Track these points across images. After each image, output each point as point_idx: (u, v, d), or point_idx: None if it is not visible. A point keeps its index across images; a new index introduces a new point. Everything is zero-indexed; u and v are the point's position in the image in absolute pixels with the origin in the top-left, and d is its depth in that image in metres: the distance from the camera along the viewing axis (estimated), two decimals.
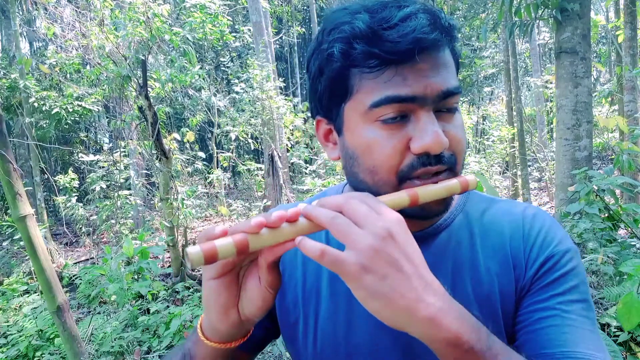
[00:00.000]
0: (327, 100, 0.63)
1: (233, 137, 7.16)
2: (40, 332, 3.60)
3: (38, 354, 3.41)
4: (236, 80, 7.46)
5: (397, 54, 0.54)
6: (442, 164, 0.58)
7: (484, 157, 9.02)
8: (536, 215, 0.68)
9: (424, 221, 0.67)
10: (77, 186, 7.55)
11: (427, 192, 0.57)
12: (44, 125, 8.22)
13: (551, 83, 8.92)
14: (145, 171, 8.78)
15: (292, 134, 7.60)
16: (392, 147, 0.57)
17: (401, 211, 0.58)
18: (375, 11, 0.56)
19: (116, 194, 6.92)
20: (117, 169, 7.32)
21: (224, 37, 6.55)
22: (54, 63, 6.69)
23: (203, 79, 6.77)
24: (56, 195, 7.62)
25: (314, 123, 0.69)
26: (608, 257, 2.71)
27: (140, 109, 4.95)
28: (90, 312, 4.38)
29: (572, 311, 0.60)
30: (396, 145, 0.57)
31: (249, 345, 0.69)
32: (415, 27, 0.53)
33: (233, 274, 0.55)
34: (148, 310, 4.02)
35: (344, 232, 0.46)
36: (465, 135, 0.63)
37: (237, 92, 7.32)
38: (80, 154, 8.87)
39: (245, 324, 0.58)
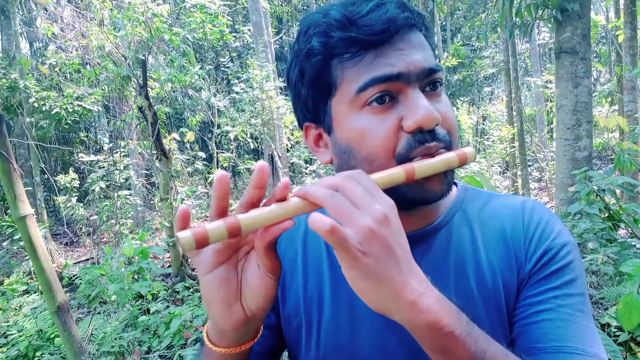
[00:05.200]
0: (312, 101, 0.63)
1: (233, 137, 7.16)
2: (40, 332, 3.59)
3: (38, 354, 3.41)
4: (236, 81, 7.45)
5: (375, 35, 0.56)
6: (438, 141, 0.58)
7: (484, 157, 9.01)
8: (535, 208, 0.68)
9: (425, 209, 0.65)
10: (77, 186, 7.55)
11: (424, 166, 0.56)
12: (44, 125, 8.22)
13: (551, 83, 8.92)
14: (145, 171, 8.77)
15: (292, 134, 7.59)
16: (385, 130, 0.57)
17: (404, 195, 0.58)
18: (346, 5, 0.58)
19: (116, 194, 6.92)
20: (117, 169, 7.31)
21: (224, 37, 6.57)
22: (54, 63, 6.69)
23: (203, 79, 6.77)
24: (56, 195, 7.62)
25: (303, 131, 0.69)
26: (608, 257, 2.71)
27: (140, 109, 4.94)
28: (90, 312, 4.38)
29: (567, 305, 0.60)
30: (389, 127, 0.57)
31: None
32: (388, 10, 0.57)
33: (229, 267, 0.53)
34: (148, 310, 4.02)
35: (343, 210, 0.46)
36: (454, 114, 0.63)
37: (237, 92, 7.31)
38: (80, 154, 8.86)
39: (252, 321, 0.55)
